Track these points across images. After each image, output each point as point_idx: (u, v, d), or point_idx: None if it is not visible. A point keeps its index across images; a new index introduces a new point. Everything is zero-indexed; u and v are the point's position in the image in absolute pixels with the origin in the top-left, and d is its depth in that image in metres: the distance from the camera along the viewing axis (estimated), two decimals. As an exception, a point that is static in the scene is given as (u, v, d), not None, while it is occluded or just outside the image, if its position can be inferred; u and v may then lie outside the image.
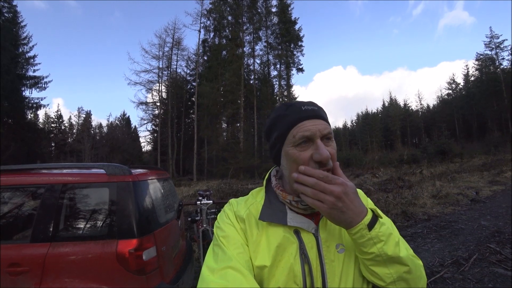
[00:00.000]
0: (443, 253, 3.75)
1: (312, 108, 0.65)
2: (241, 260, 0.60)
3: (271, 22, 32.55)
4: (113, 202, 1.99)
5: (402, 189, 8.58)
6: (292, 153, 0.63)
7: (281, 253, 0.63)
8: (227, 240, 0.64)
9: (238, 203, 0.74)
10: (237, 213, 0.70)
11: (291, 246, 0.63)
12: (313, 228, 0.65)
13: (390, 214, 5.95)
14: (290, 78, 33.25)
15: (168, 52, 33.58)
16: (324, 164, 0.60)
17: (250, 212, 0.69)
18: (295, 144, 0.63)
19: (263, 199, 0.71)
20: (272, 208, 0.67)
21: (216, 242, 0.65)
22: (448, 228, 4.85)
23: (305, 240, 0.64)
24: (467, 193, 7.57)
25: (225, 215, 0.71)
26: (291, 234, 0.64)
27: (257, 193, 0.76)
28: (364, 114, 67.25)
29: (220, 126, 31.61)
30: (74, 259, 1.83)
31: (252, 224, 0.67)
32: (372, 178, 13.03)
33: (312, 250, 0.63)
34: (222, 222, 0.69)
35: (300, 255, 0.62)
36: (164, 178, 2.90)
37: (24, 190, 2.11)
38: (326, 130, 0.63)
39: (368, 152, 40.90)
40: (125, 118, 50.65)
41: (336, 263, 0.63)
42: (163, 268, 2.06)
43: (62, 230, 1.94)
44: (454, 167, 14.67)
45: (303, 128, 0.62)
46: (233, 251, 0.62)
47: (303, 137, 0.61)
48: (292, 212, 0.67)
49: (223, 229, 0.67)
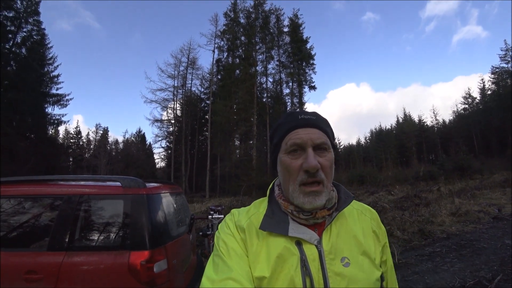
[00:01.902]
0: (464, 274, 3.56)
1: (310, 117, 0.65)
2: (241, 271, 0.59)
3: (283, 42, 33.26)
4: (127, 214, 2.05)
5: (419, 207, 8.28)
6: (284, 160, 0.63)
7: (281, 264, 0.61)
8: (227, 251, 0.63)
9: (240, 213, 0.72)
10: (237, 223, 0.69)
11: (292, 258, 0.61)
12: (315, 240, 0.63)
13: (406, 232, 5.74)
14: (302, 95, 33.45)
15: (183, 71, 34.73)
16: (312, 174, 0.60)
17: (251, 222, 0.68)
18: (287, 151, 0.63)
19: (265, 209, 0.70)
20: (274, 218, 0.66)
21: (217, 252, 0.64)
22: (469, 247, 4.61)
23: (306, 252, 0.62)
24: (488, 211, 7.22)
25: (226, 225, 0.70)
26: (292, 245, 0.62)
27: (260, 203, 0.74)
28: (378, 130, 66.29)
29: (233, 144, 31.83)
30: (88, 268, 1.87)
31: (253, 234, 0.66)
32: (387, 195, 12.66)
33: (314, 262, 0.61)
34: (222, 232, 0.68)
35: (301, 267, 0.60)
36: (177, 192, 2.95)
37: (43, 200, 2.20)
38: (319, 140, 0.62)
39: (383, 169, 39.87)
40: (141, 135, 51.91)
41: (340, 277, 0.60)
42: (174, 282, 2.07)
43: (77, 240, 1.99)
44: (474, 183, 14.06)
45: (295, 136, 0.63)
46: (233, 262, 0.61)
47: (294, 145, 0.62)
48: (295, 222, 0.65)
49: (224, 239, 0.66)
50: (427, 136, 55.36)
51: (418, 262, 4.12)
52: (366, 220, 0.73)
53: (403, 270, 3.88)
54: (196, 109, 36.97)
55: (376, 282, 0.65)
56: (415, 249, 4.81)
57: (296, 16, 33.55)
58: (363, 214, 0.75)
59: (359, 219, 0.72)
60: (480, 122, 44.76)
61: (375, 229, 0.73)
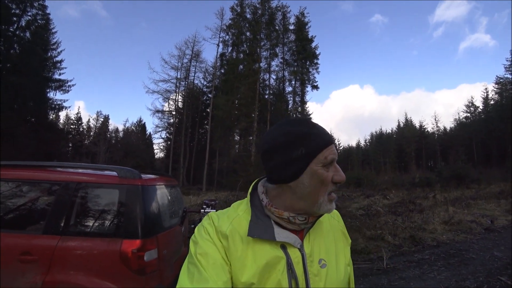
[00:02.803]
0: (449, 282, 3.62)
1: None
2: (219, 281, 0.58)
3: (288, 39, 33.16)
4: (122, 204, 2.10)
5: (413, 213, 8.35)
6: (321, 173, 0.63)
7: (269, 269, 0.62)
8: (205, 259, 0.61)
9: (219, 217, 0.69)
10: (218, 229, 0.66)
11: (280, 262, 0.63)
12: (298, 243, 0.66)
13: (397, 237, 5.81)
14: (304, 94, 33.46)
15: (186, 63, 34.69)
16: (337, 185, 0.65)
17: (233, 228, 0.66)
18: (324, 164, 0.63)
19: (246, 213, 0.69)
20: (260, 224, 0.66)
21: (192, 260, 0.62)
22: (457, 256, 4.68)
23: (291, 255, 0.64)
24: (481, 221, 7.27)
25: (204, 230, 0.66)
26: (278, 250, 0.64)
27: (238, 205, 0.73)
28: (378, 134, 66.33)
29: (233, 139, 31.90)
30: (81, 253, 1.93)
31: (236, 240, 0.64)
32: (383, 199, 12.73)
33: (299, 265, 0.64)
34: (200, 237, 0.65)
35: (287, 270, 0.62)
36: (172, 185, 3.00)
37: (41, 186, 2.25)
38: None
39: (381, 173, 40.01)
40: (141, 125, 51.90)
41: (318, 277, 0.65)
42: (163, 271, 2.13)
43: (72, 225, 2.05)
44: (470, 193, 14.13)
45: (332, 151, 0.65)
46: (211, 271, 0.59)
47: (333, 160, 0.65)
48: (278, 227, 0.66)
49: (201, 245, 0.63)
50: (427, 143, 55.39)
51: (406, 268, 4.18)
52: (335, 223, 0.80)
53: (390, 275, 3.94)
54: (198, 102, 36.96)
55: (347, 279, 0.72)
56: (404, 254, 4.88)
57: (303, 14, 33.42)
58: (332, 217, 0.80)
59: (329, 222, 0.78)
60: (481, 132, 44.73)
61: (343, 230, 0.80)
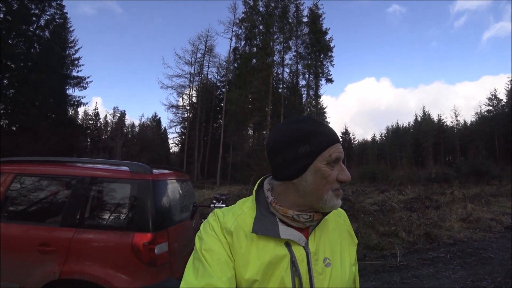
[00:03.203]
0: (465, 282, 3.52)
1: None
2: (223, 277, 0.58)
3: (301, 32, 32.63)
4: (133, 198, 2.16)
5: (429, 209, 8.14)
6: (325, 170, 0.64)
7: (272, 266, 0.62)
8: (209, 254, 0.61)
9: (225, 214, 0.70)
10: (223, 225, 0.67)
11: (284, 259, 0.63)
12: (303, 241, 0.66)
13: (412, 234, 5.69)
14: (318, 88, 32.93)
15: (200, 58, 34.89)
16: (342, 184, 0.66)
17: (238, 224, 0.67)
18: (329, 162, 0.64)
19: (251, 210, 0.70)
20: (264, 221, 0.66)
21: (197, 255, 0.62)
22: (475, 255, 4.54)
23: (296, 253, 0.64)
24: (501, 219, 7.01)
25: (209, 226, 0.67)
26: (282, 247, 0.64)
27: (244, 203, 0.74)
28: (394, 128, 64.64)
29: (247, 133, 31.97)
30: (96, 245, 2.01)
31: (241, 236, 0.65)
32: (398, 195, 12.46)
33: (303, 263, 0.63)
34: (205, 233, 0.66)
35: (291, 268, 0.62)
36: (183, 179, 3.05)
37: (59, 180, 2.35)
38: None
39: (397, 168, 39.11)
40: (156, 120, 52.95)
41: (323, 276, 0.64)
42: (174, 264, 2.18)
43: (87, 219, 2.14)
44: (490, 189, 13.58)
45: (338, 149, 0.65)
46: (215, 267, 0.59)
47: (338, 158, 0.65)
48: (283, 224, 0.66)
49: (206, 241, 0.64)
50: (445, 137, 53.53)
51: (420, 266, 4.10)
52: (341, 222, 0.79)
53: (403, 272, 3.88)
54: (212, 96, 37.22)
55: (352, 280, 0.72)
56: (418, 252, 4.78)
57: (316, 6, 32.66)
58: (339, 217, 0.80)
59: (335, 222, 0.77)
60: (504, 126, 42.67)
61: (349, 230, 0.79)
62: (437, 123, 55.95)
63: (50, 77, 22.24)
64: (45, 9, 23.17)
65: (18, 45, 21.01)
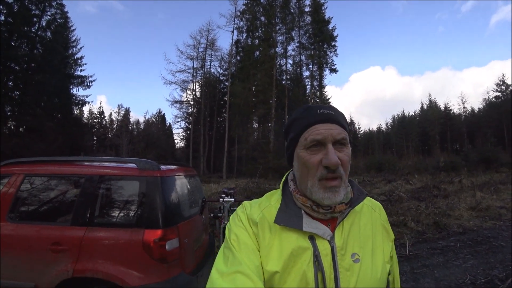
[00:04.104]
0: (476, 271, 3.49)
1: (329, 112, 0.64)
2: (251, 265, 0.59)
3: (304, 22, 32.10)
4: (142, 195, 2.17)
5: (437, 198, 8.09)
6: (303, 155, 0.63)
7: (294, 259, 0.61)
8: (238, 244, 0.63)
9: (252, 206, 0.71)
10: (250, 216, 0.68)
11: (305, 253, 0.61)
12: (328, 235, 0.63)
13: (421, 224, 5.65)
14: (322, 78, 32.55)
15: (202, 52, 34.70)
16: (332, 170, 0.60)
17: (263, 216, 0.67)
18: (306, 147, 0.63)
19: (277, 202, 0.69)
20: (288, 212, 0.66)
21: (227, 244, 0.64)
22: (485, 244, 4.49)
23: (319, 247, 0.62)
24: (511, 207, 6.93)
25: (238, 217, 0.69)
26: (305, 240, 0.63)
27: (271, 195, 0.74)
28: (400, 117, 63.91)
29: (251, 126, 31.92)
30: (107, 243, 2.03)
31: (265, 227, 0.65)
32: (405, 184, 12.37)
33: (327, 257, 0.61)
34: (234, 224, 0.68)
35: (314, 262, 0.60)
36: (191, 175, 3.05)
37: (68, 179, 2.37)
38: (339, 136, 0.62)
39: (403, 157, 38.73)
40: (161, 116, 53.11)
41: (350, 272, 0.61)
42: (184, 259, 2.20)
43: (97, 217, 2.15)
44: (500, 177, 13.40)
45: (315, 131, 0.62)
46: (244, 255, 0.60)
47: (314, 141, 0.62)
48: (308, 217, 0.65)
49: (235, 232, 0.65)
50: (452, 125, 52.72)
51: (430, 255, 4.08)
52: (376, 216, 0.74)
53: (413, 262, 3.86)
54: (215, 90, 37.12)
55: (384, 277, 0.66)
56: (427, 241, 4.75)
57: (319, -6, 32.06)
58: (373, 210, 0.75)
59: (370, 216, 0.73)
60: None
61: (385, 225, 0.74)
62: (443, 111, 55.07)
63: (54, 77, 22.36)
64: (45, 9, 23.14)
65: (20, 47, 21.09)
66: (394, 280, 0.73)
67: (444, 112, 54.73)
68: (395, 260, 0.74)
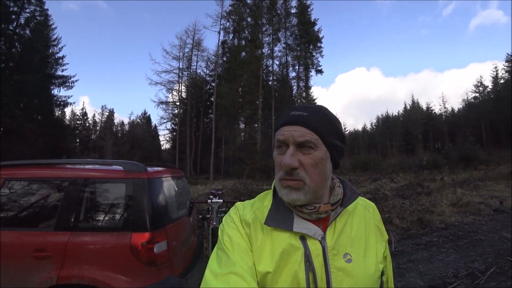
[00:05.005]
0: (458, 264, 3.63)
1: (300, 114, 0.64)
2: (245, 265, 0.59)
3: (290, 23, 32.40)
4: (129, 197, 2.12)
5: (420, 196, 8.33)
6: (274, 155, 0.66)
7: (285, 259, 0.61)
8: (231, 245, 0.63)
9: (244, 207, 0.72)
10: (242, 217, 0.68)
11: (296, 253, 0.62)
12: (319, 235, 0.64)
13: (405, 220, 5.81)
14: (308, 79, 33.00)
15: (188, 53, 34.37)
16: (289, 172, 0.61)
17: (256, 217, 0.68)
18: (275, 147, 0.66)
19: (270, 203, 0.70)
20: (279, 213, 0.66)
21: (220, 246, 0.64)
22: (466, 238, 4.67)
23: (311, 247, 0.62)
24: (490, 203, 7.23)
25: (230, 219, 0.69)
26: (296, 240, 0.63)
27: (264, 197, 0.74)
28: (384, 117, 65.50)
29: (238, 127, 31.86)
30: (92, 248, 1.97)
31: (257, 228, 0.66)
32: (390, 183, 12.69)
33: (318, 258, 0.62)
34: (227, 225, 0.68)
35: (305, 262, 0.61)
36: (178, 176, 3.02)
37: (50, 183, 2.29)
38: (301, 138, 0.61)
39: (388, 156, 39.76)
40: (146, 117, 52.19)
41: (342, 272, 0.61)
42: (173, 262, 2.17)
43: (82, 221, 2.09)
44: (479, 174, 13.98)
45: (281, 132, 0.64)
46: (237, 256, 0.61)
47: (278, 141, 0.64)
48: (299, 217, 0.65)
49: (228, 233, 0.66)
50: (434, 124, 54.58)
51: (414, 251, 4.20)
52: (369, 216, 0.74)
53: (399, 258, 3.97)
54: (201, 91, 36.79)
55: (377, 277, 0.66)
56: (412, 237, 4.89)
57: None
58: (367, 210, 0.75)
59: (363, 215, 0.73)
60: (490, 112, 43.74)
61: (378, 224, 0.74)
62: (426, 111, 56.90)
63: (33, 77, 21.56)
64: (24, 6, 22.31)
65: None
66: (388, 280, 0.74)
67: (426, 112, 56.55)
68: (389, 260, 0.75)
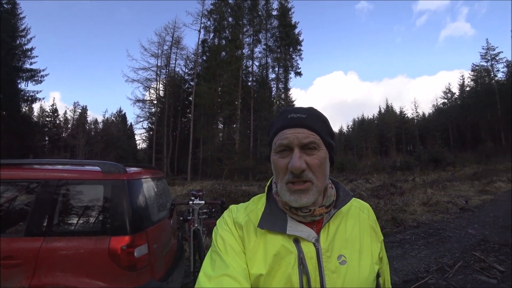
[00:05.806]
0: (429, 260, 3.84)
1: (299, 116, 0.64)
2: (238, 268, 0.59)
3: (271, 25, 32.73)
4: (107, 200, 2.03)
5: (394, 196, 8.70)
6: (274, 159, 0.64)
7: (278, 262, 0.61)
8: (224, 247, 0.63)
9: (238, 209, 0.72)
10: (235, 220, 0.68)
11: (290, 256, 0.61)
12: (313, 238, 0.63)
13: (380, 220, 6.04)
14: (288, 81, 33.50)
15: (167, 50, 33.54)
16: (297, 175, 0.60)
17: (249, 219, 0.68)
18: (276, 151, 0.64)
19: (264, 206, 0.69)
20: (272, 216, 0.66)
21: (214, 248, 0.64)
22: (436, 235, 4.95)
23: (304, 249, 0.62)
24: (456, 202, 7.71)
25: (224, 221, 0.69)
26: (290, 243, 0.62)
27: (258, 199, 0.74)
28: (360, 120, 67.80)
29: (217, 127, 31.61)
30: (67, 253, 1.86)
31: (251, 231, 0.66)
32: (365, 183, 13.16)
33: (312, 260, 0.61)
34: (221, 228, 0.68)
35: (298, 265, 0.60)
36: (158, 177, 2.94)
37: (19, 185, 2.13)
38: (306, 139, 0.61)
39: (363, 158, 41.22)
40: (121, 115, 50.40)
41: (336, 274, 0.61)
42: (154, 266, 2.10)
43: (56, 225, 1.97)
44: (446, 175, 14.86)
45: (283, 136, 0.63)
46: (230, 258, 0.61)
47: (281, 145, 0.63)
48: (293, 220, 0.65)
49: (222, 235, 0.66)
50: (406, 128, 57.35)
51: (389, 248, 4.38)
52: (364, 217, 0.74)
53: (375, 255, 4.12)
54: (180, 90, 36.07)
55: (372, 279, 0.66)
56: (386, 236, 5.10)
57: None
58: (362, 211, 0.75)
59: (358, 217, 0.72)
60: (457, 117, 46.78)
61: (373, 225, 0.74)
62: (399, 115, 59.69)
63: None
64: (-12, -7, 20.80)
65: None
66: (384, 281, 0.74)
67: (399, 116, 59.35)
68: (385, 262, 0.75)
